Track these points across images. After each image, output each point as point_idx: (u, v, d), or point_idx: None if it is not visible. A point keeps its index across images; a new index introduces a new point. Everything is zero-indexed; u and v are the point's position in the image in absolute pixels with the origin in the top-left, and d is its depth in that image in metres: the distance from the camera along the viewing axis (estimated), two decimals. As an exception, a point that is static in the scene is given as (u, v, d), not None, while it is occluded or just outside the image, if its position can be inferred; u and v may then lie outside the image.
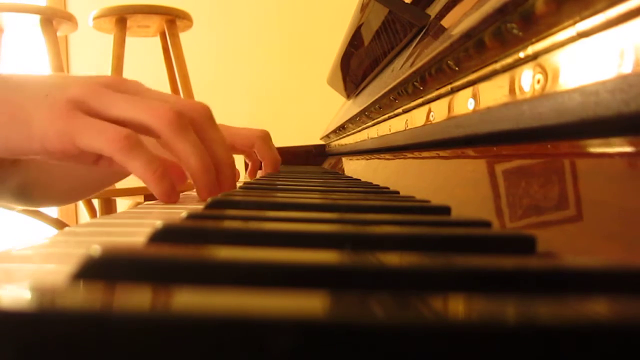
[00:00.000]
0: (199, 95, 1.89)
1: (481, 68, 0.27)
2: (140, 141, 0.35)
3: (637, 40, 0.15)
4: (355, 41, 0.79)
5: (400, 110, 0.47)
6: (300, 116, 2.73)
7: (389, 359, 0.08)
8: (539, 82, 0.21)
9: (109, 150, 0.34)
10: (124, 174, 0.59)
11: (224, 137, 0.41)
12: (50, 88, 0.36)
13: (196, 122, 0.38)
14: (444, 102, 0.34)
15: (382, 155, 0.57)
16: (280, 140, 1.22)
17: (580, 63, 0.18)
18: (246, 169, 0.80)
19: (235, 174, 0.43)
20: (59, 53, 1.70)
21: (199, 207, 0.27)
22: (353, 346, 0.08)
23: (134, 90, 0.38)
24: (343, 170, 0.85)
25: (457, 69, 0.30)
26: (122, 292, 0.10)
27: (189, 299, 0.10)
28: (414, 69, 0.37)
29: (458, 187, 0.30)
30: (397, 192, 0.39)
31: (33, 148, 0.35)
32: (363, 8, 0.70)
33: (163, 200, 0.37)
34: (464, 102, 0.30)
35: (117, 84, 0.38)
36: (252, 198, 0.32)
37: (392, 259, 0.15)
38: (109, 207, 1.64)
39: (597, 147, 0.18)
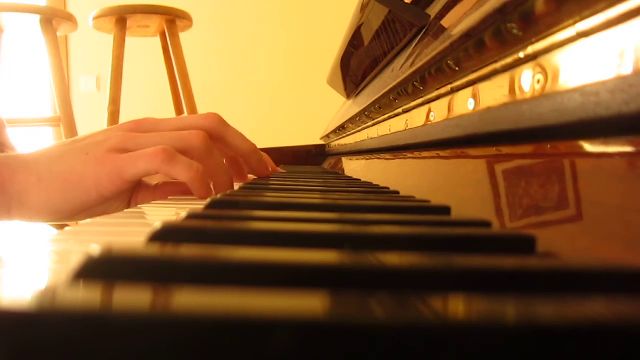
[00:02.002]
0: (199, 95, 1.89)
1: (481, 68, 0.27)
2: (176, 152, 0.40)
3: (637, 40, 0.15)
4: (355, 41, 0.79)
5: (400, 110, 0.47)
6: (300, 116, 2.73)
7: (389, 359, 0.08)
8: (539, 82, 0.21)
9: (154, 166, 0.39)
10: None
11: (239, 132, 0.48)
12: (87, 147, 0.41)
13: (214, 131, 0.45)
14: (444, 102, 0.34)
15: (382, 155, 0.57)
16: (280, 140, 1.22)
17: (580, 63, 0.18)
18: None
19: (262, 157, 0.50)
20: (59, 53, 1.70)
21: (199, 207, 0.27)
22: (353, 346, 0.08)
23: (153, 127, 0.44)
24: (343, 170, 0.85)
25: (457, 69, 0.30)
26: (121, 292, 0.10)
27: (188, 299, 0.10)
28: (414, 69, 0.37)
29: (458, 187, 0.30)
30: (397, 192, 0.39)
31: (91, 199, 0.40)
32: (363, 8, 0.70)
33: (203, 196, 0.41)
34: (464, 102, 0.30)
35: (138, 126, 0.44)
36: (252, 198, 0.32)
37: (392, 259, 0.15)
38: (109, 207, 1.63)
39: (597, 147, 0.18)
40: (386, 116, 0.53)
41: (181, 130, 0.43)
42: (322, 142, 1.23)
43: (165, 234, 0.17)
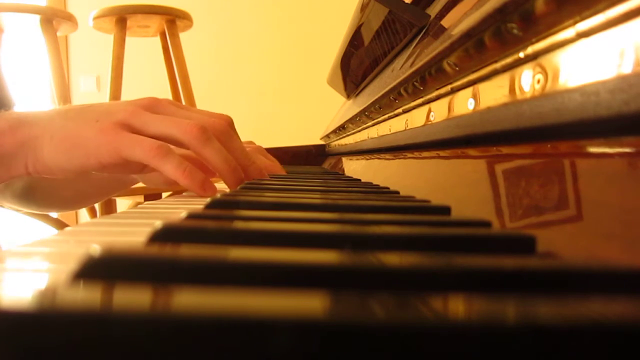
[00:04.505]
0: (199, 95, 1.89)
1: (481, 68, 0.27)
2: (170, 149, 0.43)
3: (637, 40, 0.15)
4: (355, 41, 0.79)
5: (400, 110, 0.47)
6: (300, 116, 2.73)
7: (389, 359, 0.08)
8: (539, 82, 0.21)
9: (146, 159, 0.42)
10: (128, 184, 0.72)
11: (243, 145, 0.49)
12: (99, 115, 0.44)
13: (218, 132, 0.46)
14: (444, 102, 0.34)
15: (382, 155, 0.57)
16: (280, 140, 1.22)
17: (580, 63, 0.18)
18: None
19: (260, 170, 0.51)
20: (59, 53, 1.70)
21: (199, 207, 0.27)
22: (353, 346, 0.08)
23: (167, 110, 0.46)
24: (343, 170, 0.85)
25: (457, 69, 0.30)
26: (122, 292, 0.10)
27: (188, 299, 0.10)
28: (414, 69, 0.37)
29: (458, 187, 0.30)
30: (397, 192, 0.39)
31: (90, 163, 0.44)
32: (363, 8, 0.70)
33: (199, 192, 0.44)
34: (464, 102, 0.30)
35: (154, 105, 0.46)
36: (252, 198, 0.32)
37: (392, 259, 0.15)
38: (109, 207, 1.64)
39: (597, 147, 0.18)
40: (386, 116, 0.53)
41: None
42: (322, 142, 1.23)
43: (166, 234, 0.17)
